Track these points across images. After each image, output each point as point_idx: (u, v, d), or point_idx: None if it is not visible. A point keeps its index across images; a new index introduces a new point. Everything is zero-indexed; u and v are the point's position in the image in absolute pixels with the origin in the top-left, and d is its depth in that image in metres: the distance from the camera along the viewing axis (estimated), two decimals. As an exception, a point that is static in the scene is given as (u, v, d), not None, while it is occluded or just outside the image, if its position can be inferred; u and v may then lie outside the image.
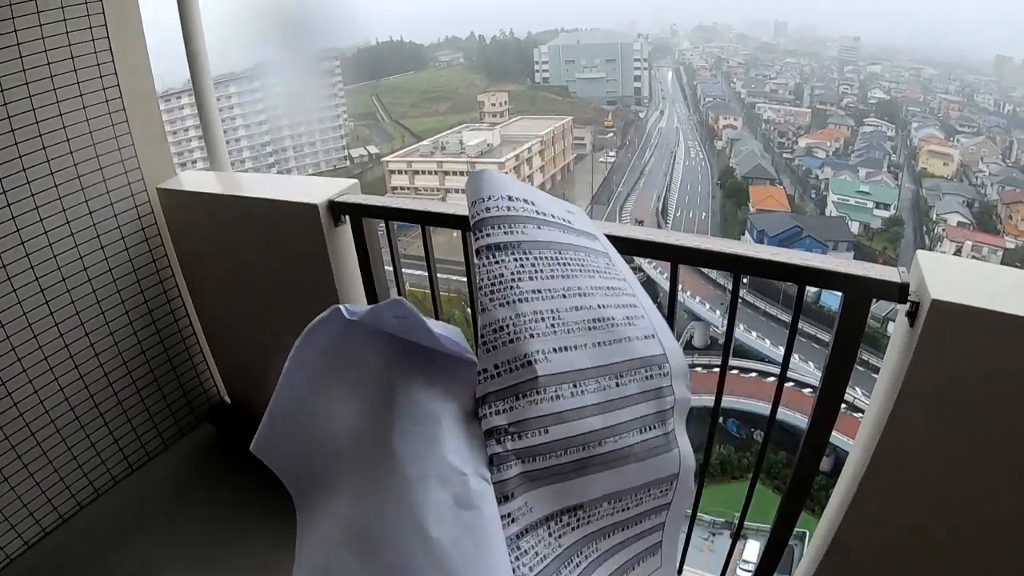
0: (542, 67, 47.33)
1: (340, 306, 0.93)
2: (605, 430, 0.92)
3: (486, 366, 0.87)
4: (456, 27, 54.42)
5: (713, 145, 38.65)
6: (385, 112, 45.12)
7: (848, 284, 1.31)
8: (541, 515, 0.89)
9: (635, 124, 43.94)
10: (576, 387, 0.90)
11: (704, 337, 23.62)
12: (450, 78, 48.19)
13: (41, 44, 1.86)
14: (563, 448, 0.89)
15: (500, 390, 0.87)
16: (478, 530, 0.80)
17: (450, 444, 0.85)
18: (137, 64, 2.10)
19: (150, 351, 2.32)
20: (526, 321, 0.89)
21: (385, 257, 1.98)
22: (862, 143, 34.46)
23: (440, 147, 36.39)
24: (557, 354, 0.89)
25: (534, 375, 0.87)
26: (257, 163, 37.93)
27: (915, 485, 1.37)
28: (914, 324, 1.23)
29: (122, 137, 2.11)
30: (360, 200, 1.85)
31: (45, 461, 2.11)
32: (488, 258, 0.91)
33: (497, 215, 0.93)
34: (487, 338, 0.88)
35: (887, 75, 41.15)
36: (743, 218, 30.10)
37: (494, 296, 0.89)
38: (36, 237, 1.97)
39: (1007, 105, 35.01)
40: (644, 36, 48.06)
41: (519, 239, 0.93)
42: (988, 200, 28.92)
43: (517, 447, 0.86)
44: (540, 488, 0.88)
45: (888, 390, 1.32)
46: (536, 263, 0.93)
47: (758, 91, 41.58)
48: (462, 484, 0.81)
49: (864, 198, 29.82)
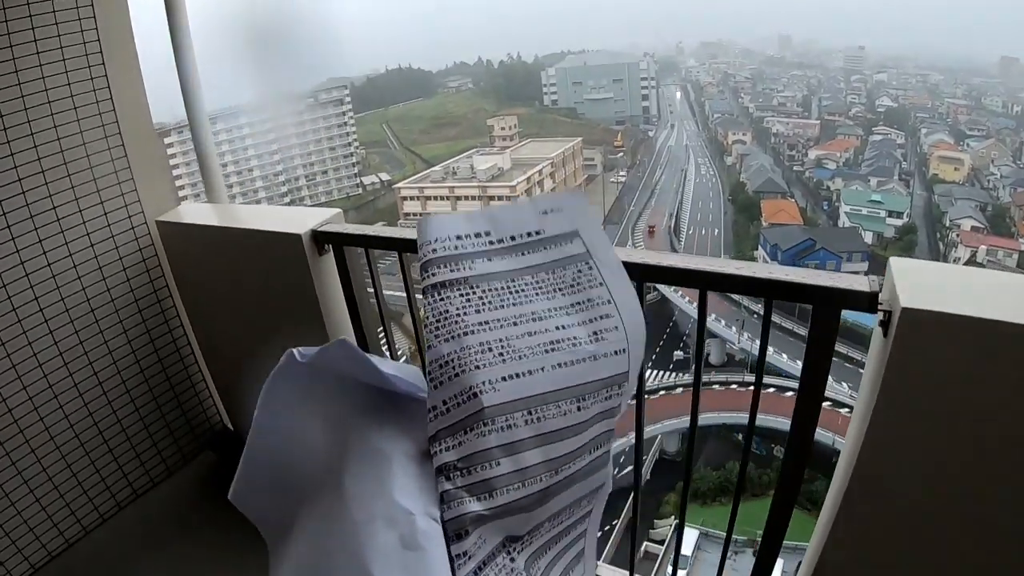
0: (550, 90, 47.71)
1: (293, 350, 0.93)
2: (565, 456, 0.90)
3: (435, 403, 0.85)
4: (463, 52, 55.08)
5: (723, 161, 38.67)
6: (396, 139, 45.59)
7: (817, 296, 1.29)
8: (495, 544, 0.88)
9: (644, 143, 44.09)
10: (532, 414, 0.87)
11: (720, 354, 23.46)
12: (459, 103, 48.67)
13: (41, 80, 1.92)
14: (520, 480, 0.86)
15: (449, 426, 0.84)
16: (421, 572, 0.78)
17: (399, 483, 0.83)
18: (134, 97, 2.16)
19: (152, 379, 2.36)
20: (472, 353, 0.86)
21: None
22: (872, 152, 34.34)
23: (451, 172, 36.65)
24: (507, 382, 0.86)
25: (480, 407, 0.84)
26: (270, 192, 38.36)
27: (897, 496, 1.35)
28: (887, 333, 1.21)
29: (122, 171, 2.16)
30: (341, 229, 1.88)
31: (51, 487, 2.13)
32: (433, 296, 0.89)
33: (443, 255, 0.91)
34: (434, 375, 0.86)
35: (894, 82, 41.07)
36: (755, 233, 29.98)
37: (439, 332, 0.87)
38: (40, 269, 2.02)
39: (1015, 106, 34.80)
40: (650, 55, 48.41)
41: (465, 275, 0.91)
42: (1001, 203, 28.68)
43: (468, 482, 0.83)
44: (494, 522, 0.86)
45: (867, 401, 1.30)
46: (484, 295, 0.91)
47: (766, 105, 41.65)
48: (409, 524, 0.80)
49: (876, 207, 29.64)
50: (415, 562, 0.78)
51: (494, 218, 0.96)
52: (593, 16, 62.00)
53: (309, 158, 39.42)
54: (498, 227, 0.96)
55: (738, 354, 23.35)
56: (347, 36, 49.62)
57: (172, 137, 27.57)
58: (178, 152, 27.73)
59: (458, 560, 0.82)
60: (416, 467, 0.86)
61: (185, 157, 27.36)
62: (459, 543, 0.82)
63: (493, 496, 0.84)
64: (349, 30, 49.77)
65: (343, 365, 0.94)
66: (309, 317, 1.95)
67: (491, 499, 0.84)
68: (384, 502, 0.82)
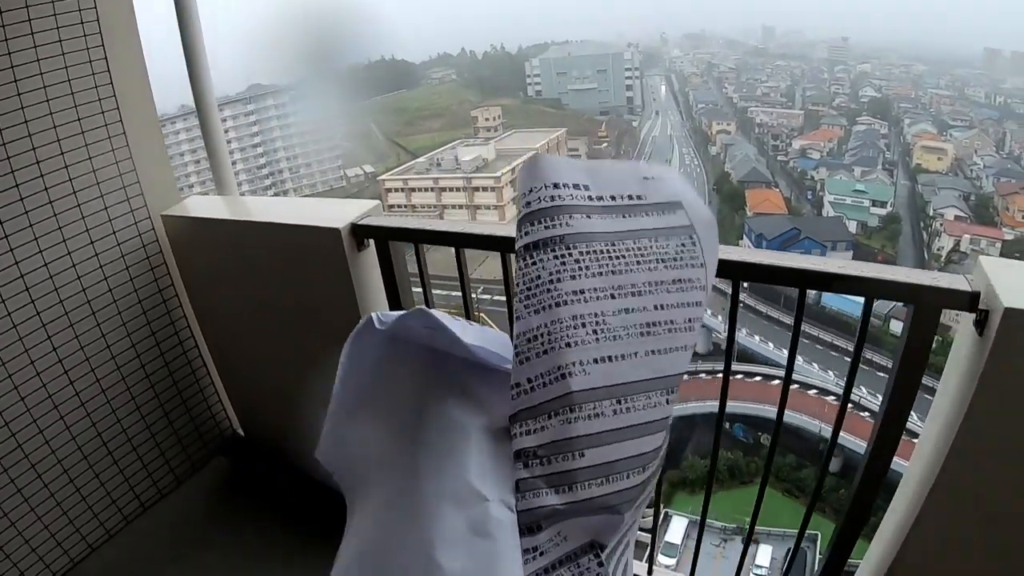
0: (534, 80, 47.58)
1: (372, 314, 0.89)
2: (652, 453, 0.82)
3: (519, 380, 0.78)
4: (447, 43, 54.80)
5: (708, 151, 38.80)
6: (380, 131, 45.28)
7: (915, 295, 1.23)
8: (578, 544, 0.80)
9: (629, 133, 44.12)
10: (621, 404, 0.79)
11: (707, 343, 23.55)
12: (443, 95, 48.41)
13: (36, 63, 1.79)
14: (604, 475, 0.78)
15: (532, 407, 0.77)
16: (489, 563, 0.72)
17: (475, 461, 0.78)
18: (137, 86, 2.03)
19: (158, 384, 2.23)
20: (563, 328, 0.78)
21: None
22: (856, 142, 34.61)
23: (436, 164, 36.46)
24: (598, 365, 0.79)
25: (568, 390, 0.77)
26: (254, 186, 38.01)
27: (989, 505, 1.28)
28: (983, 333, 1.17)
29: (123, 162, 2.03)
30: (387, 223, 1.75)
31: (53, 503, 2.01)
32: (525, 260, 0.81)
33: (538, 208, 0.83)
34: (520, 349, 0.79)
35: (877, 73, 41.45)
36: (740, 223, 30.13)
37: (529, 302, 0.79)
38: (37, 269, 1.89)
39: (998, 97, 35.25)
40: (634, 45, 48.37)
41: (562, 232, 0.82)
42: (984, 192, 29.03)
43: (547, 472, 0.76)
44: (574, 519, 0.78)
45: (954, 405, 1.24)
46: (580, 259, 0.82)
47: (750, 95, 41.80)
48: (481, 510, 0.74)
49: (860, 197, 29.91)
50: (483, 551, 0.73)
51: (594, 171, 0.87)
52: (577, 7, 61.94)
53: (292, 150, 39.07)
54: (598, 182, 0.86)
55: (724, 343, 23.48)
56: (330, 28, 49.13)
57: (168, 127, 27.19)
58: (173, 143, 27.34)
59: (527, 555, 0.75)
60: (495, 446, 0.80)
61: (179, 148, 27.03)
62: (531, 537, 0.76)
63: (573, 490, 0.77)
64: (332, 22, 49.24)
65: (423, 334, 0.88)
66: (343, 317, 1.81)
67: (571, 492, 0.77)
68: (457, 481, 0.77)
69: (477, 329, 0.90)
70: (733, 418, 19.82)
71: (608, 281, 0.82)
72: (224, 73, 35.45)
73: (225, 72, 35.72)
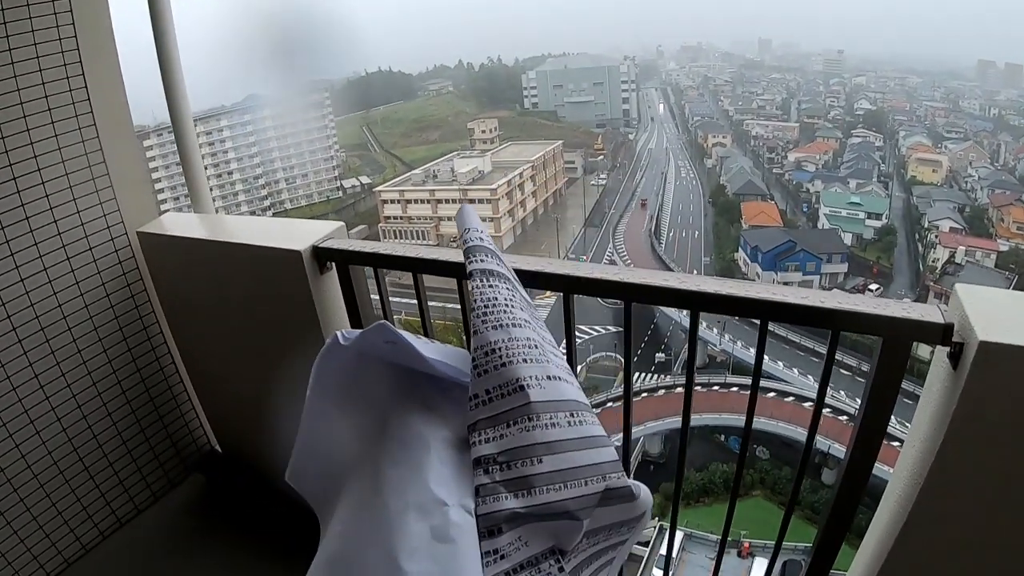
0: (531, 93, 47.86)
1: (337, 332, 0.96)
2: (609, 464, 0.88)
3: (477, 391, 0.83)
4: (444, 55, 55.12)
5: (703, 164, 38.96)
6: (376, 142, 45.45)
7: (886, 328, 1.19)
8: (540, 549, 0.83)
9: (625, 146, 44.36)
10: (574, 416, 0.86)
11: (702, 356, 23.53)
12: (440, 106, 48.65)
13: (13, 80, 1.78)
14: (561, 481, 0.83)
15: (490, 417, 0.83)
16: (450, 566, 0.76)
17: (435, 471, 0.83)
18: (114, 97, 2.01)
19: (135, 400, 2.21)
20: (519, 346, 0.85)
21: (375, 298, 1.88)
22: (851, 154, 34.85)
23: (432, 175, 36.61)
24: (551, 382, 0.85)
25: (527, 400, 0.82)
26: (250, 196, 38.04)
27: (965, 531, 1.26)
28: (958, 367, 1.11)
29: (100, 178, 2.01)
30: (346, 246, 1.74)
31: (29, 518, 1.99)
32: (482, 281, 0.88)
33: (487, 247, 0.92)
34: (478, 362, 0.84)
35: (872, 86, 41.76)
36: (736, 235, 30.26)
37: (487, 318, 0.85)
38: (12, 285, 1.87)
39: (992, 109, 35.54)
40: (631, 58, 48.71)
41: (506, 274, 0.91)
42: (979, 204, 29.24)
43: (506, 477, 0.81)
44: (535, 524, 0.83)
45: (930, 434, 1.21)
46: (522, 299, 0.91)
47: (745, 108, 42.09)
48: (441, 516, 0.79)
49: (855, 209, 30.06)
50: (445, 555, 0.77)
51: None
52: (573, 19, 62.29)
53: (289, 161, 39.13)
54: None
55: (719, 356, 23.46)
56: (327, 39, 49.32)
57: (151, 140, 27.17)
58: (156, 156, 27.32)
59: (487, 557, 0.79)
60: (455, 455, 0.85)
61: (164, 160, 27.02)
62: (491, 540, 0.80)
63: (532, 494, 0.82)
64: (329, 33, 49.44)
65: (384, 349, 0.94)
66: (308, 337, 1.80)
67: (530, 496, 0.81)
68: (419, 490, 0.81)
69: (437, 345, 0.95)
70: (728, 431, 19.84)
71: (535, 324, 0.92)
72: (223, 84, 35.52)
73: (224, 83, 35.78)
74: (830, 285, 25.97)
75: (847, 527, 1.45)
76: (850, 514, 1.43)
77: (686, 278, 1.31)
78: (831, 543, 1.51)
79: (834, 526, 1.46)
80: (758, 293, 1.24)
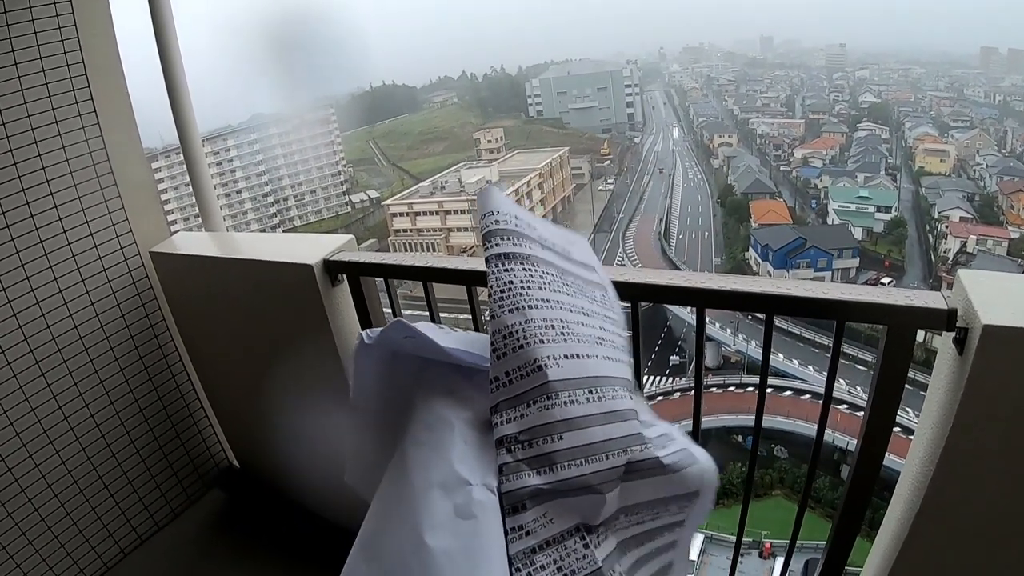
0: (535, 101, 47.94)
1: (362, 332, 1.02)
2: (631, 437, 0.89)
3: (497, 374, 0.85)
4: (447, 67, 55.37)
5: (710, 164, 38.86)
6: (383, 156, 45.63)
7: (890, 316, 1.19)
8: (566, 527, 0.85)
9: (631, 150, 44.30)
10: (592, 392, 0.87)
11: (716, 357, 23.41)
12: (445, 118, 48.80)
13: (23, 107, 1.83)
14: (582, 456, 0.84)
15: (511, 398, 0.84)
16: (472, 541, 0.78)
17: (459, 451, 0.85)
18: (122, 121, 2.05)
19: (152, 418, 2.24)
20: (536, 327, 0.86)
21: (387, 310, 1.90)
22: (857, 148, 34.62)
23: (439, 187, 36.71)
24: (568, 360, 0.87)
25: (545, 380, 0.84)
26: (260, 214, 38.28)
27: (978, 515, 1.25)
28: (963, 352, 1.11)
29: (112, 201, 2.06)
30: (356, 258, 1.75)
31: (51, 537, 2.02)
32: (498, 266, 0.89)
33: (506, 228, 0.92)
34: (497, 345, 0.86)
35: (876, 78, 41.55)
36: (746, 234, 30.08)
37: (503, 302, 0.87)
38: (29, 307, 1.91)
39: (997, 95, 35.23)
40: (633, 62, 48.74)
41: (527, 253, 0.92)
42: (988, 192, 28.95)
43: (528, 455, 0.83)
44: (559, 500, 0.84)
45: (939, 421, 1.20)
46: (544, 276, 0.92)
47: (750, 106, 41.97)
48: (464, 494, 0.81)
49: (864, 203, 29.81)
50: (468, 532, 0.79)
51: (536, 220, 1.00)
52: (575, 26, 62.45)
53: (297, 178, 39.36)
54: (541, 229, 0.99)
55: (734, 356, 23.32)
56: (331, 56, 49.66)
57: (159, 162, 27.45)
58: (165, 177, 27.58)
59: (512, 533, 0.81)
60: (478, 436, 0.87)
61: (173, 182, 27.27)
62: (515, 516, 0.82)
63: (554, 470, 0.83)
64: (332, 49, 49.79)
65: (406, 345, 0.98)
66: (323, 350, 1.82)
67: (552, 473, 0.83)
68: (443, 469, 0.84)
69: (457, 334, 0.99)
70: (744, 431, 19.68)
71: (565, 298, 0.93)
72: (227, 104, 35.84)
73: (228, 103, 36.11)
74: (842, 281, 25.74)
75: (861, 519, 1.45)
76: (863, 505, 1.43)
77: (690, 275, 1.32)
78: (846, 536, 1.50)
79: (848, 518, 1.46)
80: (762, 287, 1.26)
